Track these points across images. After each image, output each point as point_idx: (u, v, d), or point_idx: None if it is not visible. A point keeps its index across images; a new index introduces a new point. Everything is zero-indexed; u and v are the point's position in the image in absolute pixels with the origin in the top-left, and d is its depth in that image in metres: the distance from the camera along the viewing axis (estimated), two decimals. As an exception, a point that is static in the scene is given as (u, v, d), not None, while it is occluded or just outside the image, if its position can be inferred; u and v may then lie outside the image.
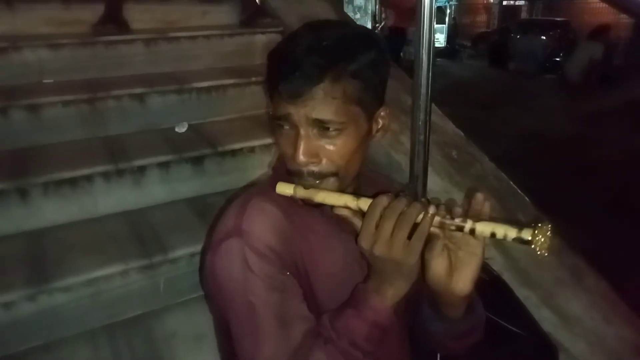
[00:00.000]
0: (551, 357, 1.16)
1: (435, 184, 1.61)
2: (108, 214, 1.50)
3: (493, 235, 0.67)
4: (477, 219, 0.69)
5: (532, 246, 0.65)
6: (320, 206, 0.78)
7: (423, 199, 0.72)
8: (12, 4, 1.97)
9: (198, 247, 1.34)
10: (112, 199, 1.50)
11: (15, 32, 1.94)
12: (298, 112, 0.73)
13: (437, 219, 0.69)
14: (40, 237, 1.38)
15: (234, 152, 1.66)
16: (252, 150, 1.68)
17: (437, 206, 0.70)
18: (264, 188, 0.85)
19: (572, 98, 7.11)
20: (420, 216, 0.69)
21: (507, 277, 1.36)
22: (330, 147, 0.75)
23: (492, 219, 0.69)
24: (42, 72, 1.84)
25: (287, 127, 0.75)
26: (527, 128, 5.08)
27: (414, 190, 1.53)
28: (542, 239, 0.65)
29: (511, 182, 1.72)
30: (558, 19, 11.58)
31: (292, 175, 0.78)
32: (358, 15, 11.59)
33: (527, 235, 0.65)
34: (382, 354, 0.79)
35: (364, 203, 0.72)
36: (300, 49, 0.73)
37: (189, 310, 1.33)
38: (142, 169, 1.53)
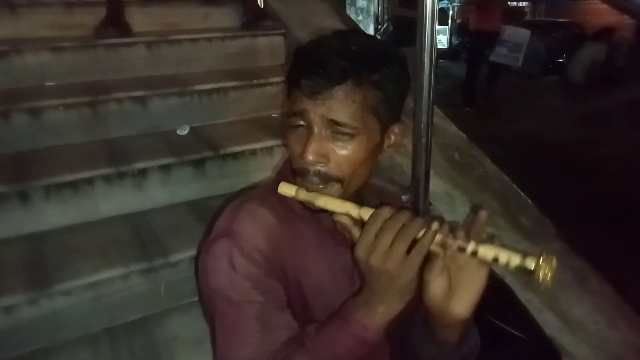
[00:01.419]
0: (554, 361, 1.15)
1: (437, 186, 1.61)
2: (109, 217, 1.50)
3: (495, 259, 0.66)
4: (481, 241, 0.67)
5: (535, 277, 0.63)
6: (319, 212, 0.77)
7: (427, 217, 0.70)
8: (15, 8, 1.97)
9: (199, 251, 1.34)
10: (113, 202, 1.50)
11: (18, 36, 1.95)
12: (315, 110, 0.73)
13: (439, 237, 0.67)
14: (41, 241, 1.37)
15: (235, 155, 1.66)
16: (253, 153, 1.68)
17: (441, 224, 0.67)
18: (262, 192, 0.85)
19: (574, 99, 7.09)
20: (422, 232, 0.67)
21: (510, 280, 1.36)
22: (340, 152, 0.74)
23: (497, 244, 0.67)
24: (43, 76, 1.84)
25: (300, 123, 0.75)
26: (529, 129, 5.07)
27: (416, 192, 1.53)
28: (546, 270, 0.63)
29: (513, 184, 1.71)
30: (561, 20, 11.56)
31: (297, 175, 0.78)
32: (360, 17, 11.56)
33: (530, 264, 0.63)
34: None
35: (366, 212, 0.71)
36: (326, 50, 0.74)
37: (189, 314, 1.33)
38: (143, 172, 1.52)
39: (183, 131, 1.77)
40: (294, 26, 2.28)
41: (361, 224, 0.72)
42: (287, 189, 0.76)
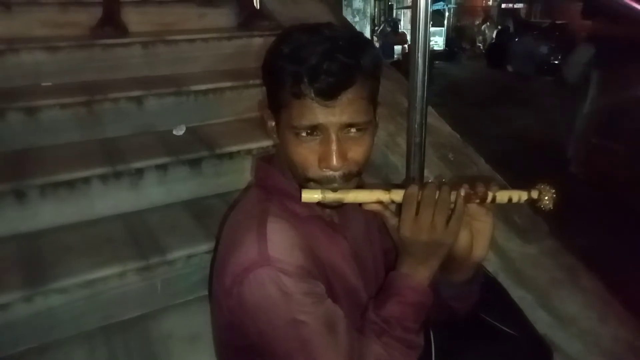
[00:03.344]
0: (545, 358, 1.16)
1: (432, 185, 1.62)
2: (105, 216, 1.50)
3: (510, 199, 0.78)
4: (495, 189, 0.77)
5: (540, 203, 0.77)
6: (338, 207, 0.81)
7: (445, 181, 0.81)
8: (10, 6, 1.98)
9: (195, 249, 1.35)
10: (109, 201, 1.51)
11: (12, 35, 1.95)
12: (330, 119, 0.72)
13: (467, 196, 0.77)
14: (36, 239, 1.38)
15: (231, 155, 1.67)
16: (249, 152, 1.69)
17: (463, 185, 0.77)
18: (264, 205, 0.84)
19: (569, 100, 7.13)
20: (453, 197, 0.75)
21: (502, 277, 1.37)
22: (357, 147, 0.76)
23: (504, 188, 0.79)
24: (39, 75, 1.84)
25: (310, 135, 0.74)
26: (523, 128, 5.11)
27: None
28: (548, 194, 0.77)
29: (506, 184, 1.72)
30: (557, 21, 11.61)
31: (318, 182, 0.77)
32: (357, 18, 11.60)
33: (535, 194, 0.77)
34: None
35: (396, 195, 0.77)
36: (324, 53, 0.70)
37: (184, 311, 1.34)
38: (139, 171, 1.53)
39: (179, 131, 1.78)
40: (289, 26, 2.29)
41: (396, 206, 0.78)
42: (311, 195, 0.76)
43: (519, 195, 0.78)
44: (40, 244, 1.36)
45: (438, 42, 13.11)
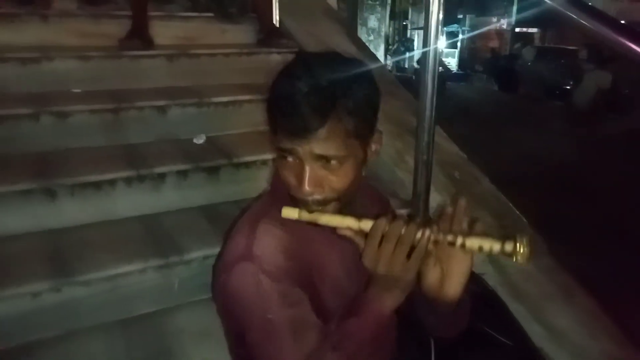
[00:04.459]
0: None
1: (437, 201, 1.69)
2: (127, 217, 1.59)
3: (480, 248, 0.76)
4: (467, 234, 0.77)
5: (514, 258, 0.74)
6: (316, 225, 0.85)
7: (417, 218, 0.81)
8: (46, 17, 2.11)
9: (211, 251, 1.42)
10: (131, 202, 1.60)
11: (48, 43, 2.07)
12: (303, 148, 0.78)
13: (432, 237, 0.77)
14: (64, 235, 1.47)
15: (247, 164, 1.76)
16: (264, 162, 1.77)
17: (432, 227, 0.77)
18: (266, 208, 0.92)
19: (578, 125, 7.18)
20: (419, 235, 0.76)
21: (500, 291, 1.44)
22: (333, 177, 0.81)
23: (479, 234, 0.77)
24: (70, 82, 1.95)
25: (290, 159, 0.81)
26: (532, 152, 5.17)
27: (417, 207, 1.62)
28: (523, 250, 0.73)
29: (510, 204, 1.80)
30: (569, 47, 11.70)
31: (296, 201, 0.85)
32: (372, 37, 11.78)
33: (509, 247, 0.74)
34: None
35: (366, 224, 0.80)
36: (299, 92, 0.76)
37: (198, 309, 1.41)
38: (161, 176, 1.62)
39: (199, 140, 1.87)
40: (306, 44, 2.39)
41: (363, 234, 0.81)
42: (290, 212, 0.83)
43: (490, 246, 0.75)
44: (67, 239, 1.45)
45: (451, 63, 13.26)
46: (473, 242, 0.76)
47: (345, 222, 0.81)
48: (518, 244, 0.73)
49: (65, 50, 2.01)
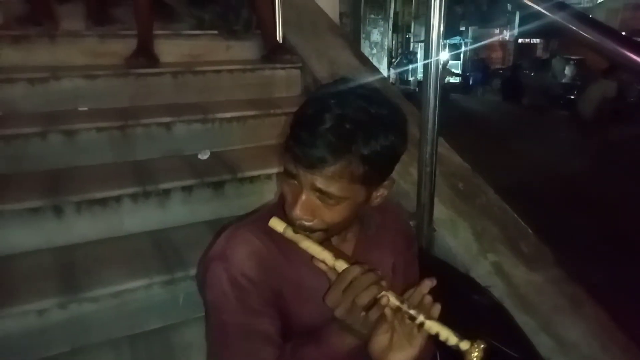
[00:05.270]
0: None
1: (441, 212, 1.69)
2: (133, 232, 1.61)
3: (437, 335, 0.76)
4: (430, 316, 0.77)
5: (465, 357, 0.74)
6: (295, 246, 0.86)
7: (386, 280, 0.80)
8: (54, 37, 2.15)
9: (216, 265, 1.43)
10: (138, 218, 1.62)
11: (56, 63, 2.11)
12: (306, 178, 0.79)
13: (395, 302, 0.77)
14: (71, 251, 1.49)
15: (252, 179, 1.77)
16: (269, 177, 1.79)
17: (400, 296, 0.78)
18: (259, 217, 0.95)
19: (583, 134, 7.15)
20: (382, 293, 0.77)
21: (507, 304, 1.43)
22: (326, 211, 0.82)
23: (439, 321, 0.77)
24: (77, 100, 1.98)
25: (292, 181, 0.83)
26: (537, 162, 5.15)
27: (421, 218, 1.62)
28: (476, 354, 0.73)
29: (515, 214, 1.79)
30: (573, 57, 11.71)
31: (287, 217, 0.86)
32: (375, 51, 11.85)
33: (464, 346, 0.74)
34: None
35: (340, 265, 0.80)
36: (322, 123, 0.76)
37: (203, 324, 1.41)
38: (167, 192, 1.64)
39: (204, 155, 1.90)
40: (309, 60, 2.42)
41: (335, 272, 0.81)
42: (277, 224, 0.84)
43: (447, 336, 0.75)
44: (74, 256, 1.47)
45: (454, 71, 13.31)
46: (433, 326, 0.76)
47: (322, 255, 0.82)
48: (474, 346, 0.73)
49: (72, 70, 2.05)
